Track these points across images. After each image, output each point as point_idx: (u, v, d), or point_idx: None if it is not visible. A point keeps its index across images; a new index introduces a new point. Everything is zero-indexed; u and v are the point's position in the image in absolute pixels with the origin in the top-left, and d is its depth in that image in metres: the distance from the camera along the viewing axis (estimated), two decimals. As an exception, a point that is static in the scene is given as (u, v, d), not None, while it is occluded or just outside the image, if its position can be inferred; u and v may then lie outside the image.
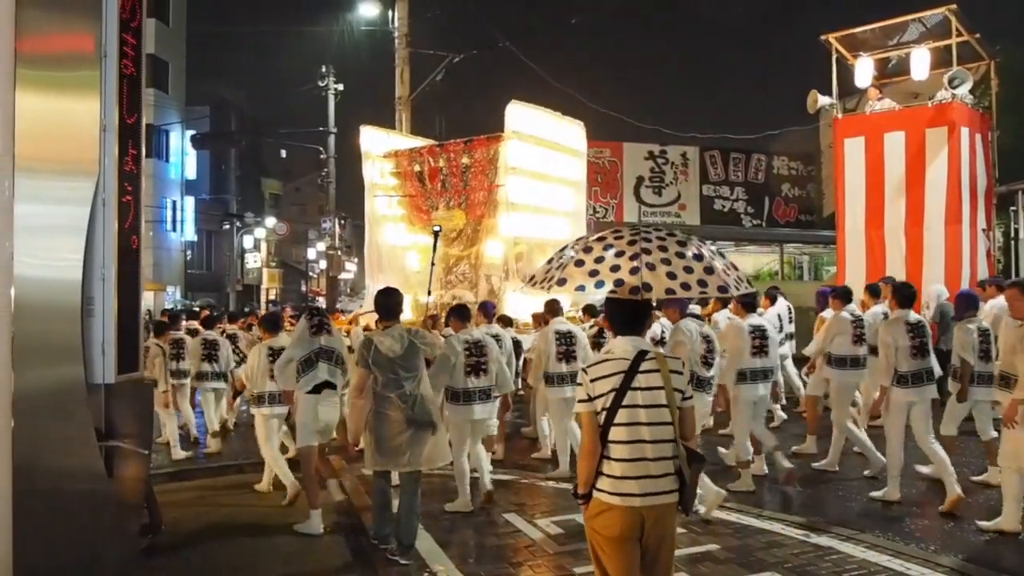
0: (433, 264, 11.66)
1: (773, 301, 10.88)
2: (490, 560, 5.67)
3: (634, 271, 3.41)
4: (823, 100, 15.17)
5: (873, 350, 7.92)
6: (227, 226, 45.30)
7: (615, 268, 3.47)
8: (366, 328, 9.97)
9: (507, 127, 13.10)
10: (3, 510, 3.76)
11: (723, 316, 9.27)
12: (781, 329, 10.33)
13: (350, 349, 7.96)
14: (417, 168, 14.56)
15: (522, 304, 11.19)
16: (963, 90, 13.52)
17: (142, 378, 5.05)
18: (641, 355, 3.48)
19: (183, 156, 40.18)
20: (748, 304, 7.66)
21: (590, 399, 3.48)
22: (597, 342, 8.90)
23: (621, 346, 3.55)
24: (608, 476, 3.42)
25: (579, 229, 13.97)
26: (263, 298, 49.43)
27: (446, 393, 6.93)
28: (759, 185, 29.85)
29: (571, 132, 14.64)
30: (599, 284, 3.46)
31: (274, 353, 7.33)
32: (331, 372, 6.73)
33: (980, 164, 14.07)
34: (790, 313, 11.33)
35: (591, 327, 9.56)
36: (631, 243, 3.55)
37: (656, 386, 3.45)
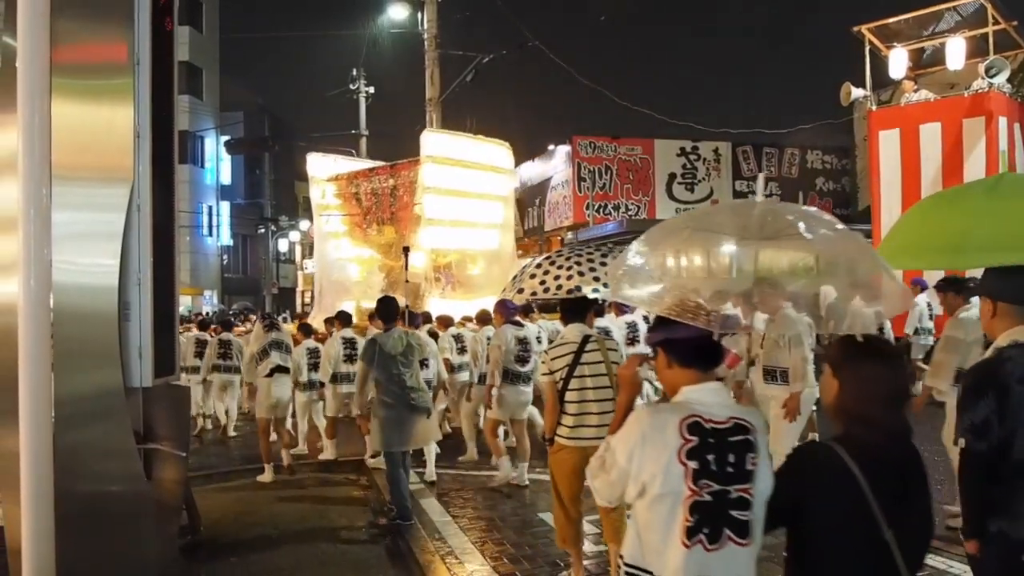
0: (407, 281, 13.30)
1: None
2: (525, 560, 5.67)
3: (569, 278, 5.16)
4: (857, 92, 14.95)
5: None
6: (262, 230, 45.72)
7: (556, 277, 5.38)
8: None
9: (422, 152, 14.80)
10: (45, 512, 3.83)
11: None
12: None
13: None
14: (354, 190, 16.57)
15: (443, 308, 12.56)
16: (1000, 79, 13.23)
17: (178, 381, 5.12)
18: (586, 338, 4.91)
19: (218, 161, 40.71)
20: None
21: (551, 372, 4.90)
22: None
23: (571, 332, 4.99)
24: (564, 426, 4.82)
25: (509, 239, 16.19)
26: (298, 301, 49.88)
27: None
28: (793, 180, 29.53)
29: (494, 152, 16.53)
30: (546, 290, 5.35)
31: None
32: (282, 359, 8.94)
33: (1020, 154, 13.77)
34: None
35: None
36: (567, 258, 5.17)
37: (597, 360, 4.87)
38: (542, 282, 7.05)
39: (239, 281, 44.75)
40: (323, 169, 17.11)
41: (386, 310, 7.16)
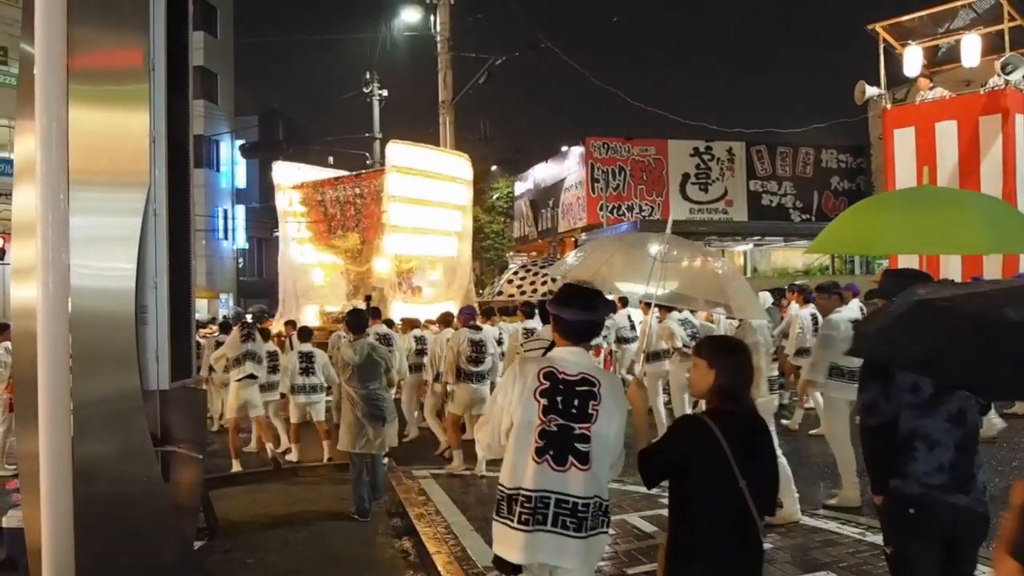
0: (369, 297, 14.29)
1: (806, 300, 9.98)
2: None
3: (543, 283, 5.67)
4: (871, 91, 14.88)
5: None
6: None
7: (532, 283, 6.04)
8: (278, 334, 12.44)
9: (388, 162, 15.47)
10: (65, 513, 3.87)
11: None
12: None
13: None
14: (319, 197, 17.23)
15: (404, 311, 13.23)
16: (1017, 76, 13.10)
17: (195, 384, 5.15)
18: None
19: (233, 165, 40.91)
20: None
21: None
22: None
23: (546, 331, 5.45)
24: None
25: (466, 246, 16.90)
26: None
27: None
28: (807, 179, 29.38)
29: (454, 163, 17.16)
30: (522, 292, 6.00)
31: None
32: (255, 368, 9.50)
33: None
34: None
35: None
36: (541, 267, 6.00)
37: None
38: (519, 286, 8.44)
39: (255, 284, 44.93)
40: (289, 177, 17.84)
41: (356, 321, 7.67)
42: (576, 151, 29.77)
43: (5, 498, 7.83)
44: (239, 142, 38.99)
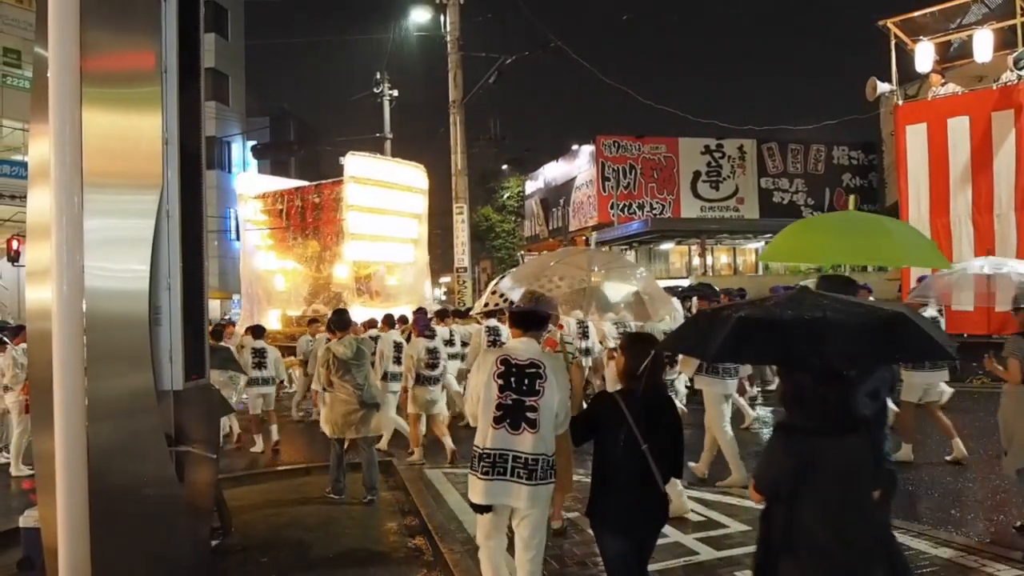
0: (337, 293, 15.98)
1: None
2: (553, 560, 5.66)
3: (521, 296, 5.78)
4: (883, 87, 14.82)
5: None
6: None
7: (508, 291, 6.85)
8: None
9: (346, 173, 16.27)
10: (80, 513, 3.90)
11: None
12: None
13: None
14: (280, 207, 17.96)
15: (366, 314, 13.66)
16: (1030, 71, 13.07)
17: (208, 384, 5.17)
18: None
19: (244, 166, 41.00)
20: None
21: None
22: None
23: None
24: None
25: (423, 253, 17.96)
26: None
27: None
28: (819, 176, 29.29)
29: (410, 174, 17.95)
30: (504, 300, 6.97)
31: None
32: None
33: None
34: None
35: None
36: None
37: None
38: (502, 295, 9.19)
39: (267, 285, 45.01)
40: (252, 188, 18.83)
41: (339, 321, 8.20)
42: (586, 149, 29.76)
43: (22, 498, 7.91)
44: (250, 143, 39.12)
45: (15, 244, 21.42)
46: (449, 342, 11.11)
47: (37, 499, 4.61)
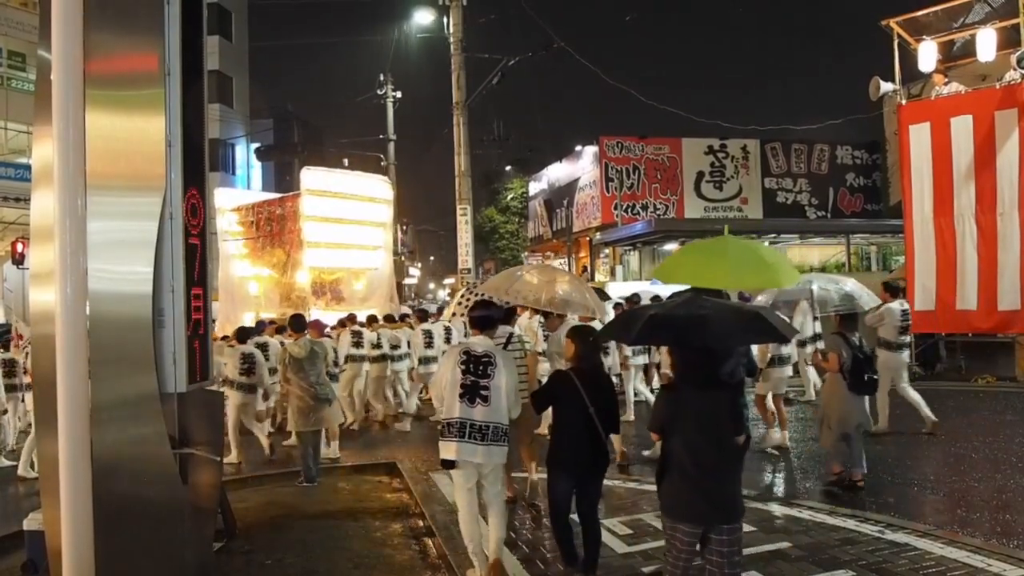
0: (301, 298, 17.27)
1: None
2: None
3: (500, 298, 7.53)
4: (886, 87, 14.78)
5: None
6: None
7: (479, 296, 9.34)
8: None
9: (301, 186, 17.37)
10: (84, 515, 3.90)
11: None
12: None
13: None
14: (251, 218, 19.26)
15: (326, 318, 14.16)
16: (1033, 70, 13.03)
17: (212, 387, 5.18)
18: (509, 336, 6.93)
19: (248, 168, 41.03)
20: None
21: None
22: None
23: (502, 330, 6.56)
24: None
25: (389, 257, 19.52)
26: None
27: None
28: (823, 176, 29.23)
29: (371, 184, 19.42)
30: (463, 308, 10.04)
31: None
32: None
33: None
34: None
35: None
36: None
37: (518, 348, 7.27)
38: (480, 295, 10.32)
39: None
40: (228, 201, 19.91)
41: (297, 323, 9.24)
42: (590, 150, 29.74)
43: (27, 501, 7.91)
44: (254, 145, 39.18)
45: (20, 247, 21.47)
46: (376, 345, 12.36)
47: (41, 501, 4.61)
